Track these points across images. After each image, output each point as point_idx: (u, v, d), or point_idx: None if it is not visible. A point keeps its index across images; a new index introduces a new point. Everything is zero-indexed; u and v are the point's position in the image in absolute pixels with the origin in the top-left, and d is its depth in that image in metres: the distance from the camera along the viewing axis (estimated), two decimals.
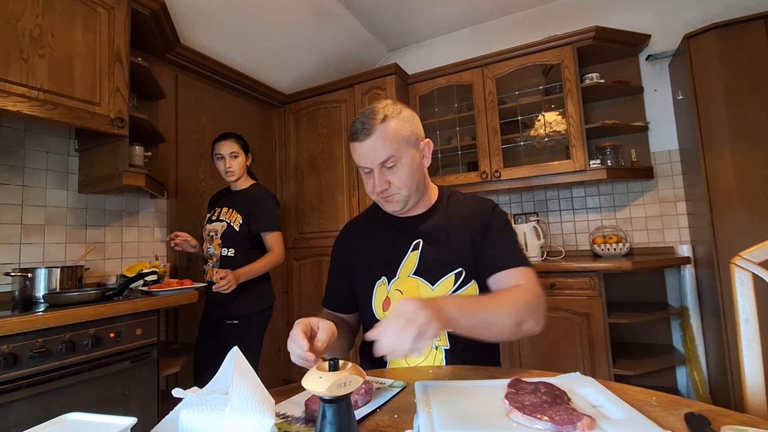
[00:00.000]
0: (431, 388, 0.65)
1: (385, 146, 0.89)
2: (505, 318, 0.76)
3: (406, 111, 0.95)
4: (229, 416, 0.48)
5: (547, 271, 2.13)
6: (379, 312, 0.96)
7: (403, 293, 0.94)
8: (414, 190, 0.95)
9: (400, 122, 0.92)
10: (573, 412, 0.51)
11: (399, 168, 0.92)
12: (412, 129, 0.94)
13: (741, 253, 0.79)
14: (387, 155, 0.90)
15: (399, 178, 0.92)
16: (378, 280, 0.98)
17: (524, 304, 0.79)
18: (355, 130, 0.92)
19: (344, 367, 0.49)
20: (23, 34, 1.35)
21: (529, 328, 0.79)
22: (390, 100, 0.96)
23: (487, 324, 0.74)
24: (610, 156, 2.40)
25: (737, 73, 1.91)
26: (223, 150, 1.86)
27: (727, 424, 0.50)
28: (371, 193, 0.96)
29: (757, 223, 1.81)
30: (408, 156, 0.92)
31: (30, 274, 1.47)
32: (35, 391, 1.15)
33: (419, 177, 0.96)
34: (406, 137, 0.92)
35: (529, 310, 0.79)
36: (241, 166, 1.89)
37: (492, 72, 2.55)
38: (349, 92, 2.80)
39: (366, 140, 0.90)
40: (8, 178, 1.63)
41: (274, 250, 1.88)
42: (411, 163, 0.93)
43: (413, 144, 0.94)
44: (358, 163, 0.94)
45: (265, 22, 2.46)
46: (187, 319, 2.19)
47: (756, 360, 0.76)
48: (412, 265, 0.95)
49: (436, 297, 0.72)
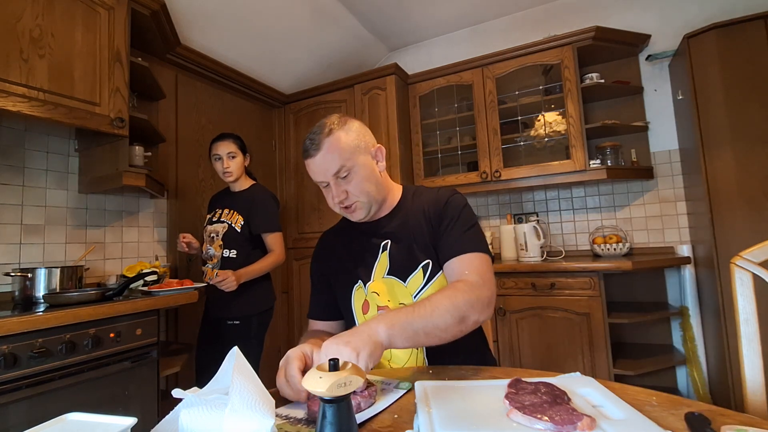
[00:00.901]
0: (431, 388, 0.65)
1: (334, 158, 0.91)
2: (444, 320, 0.76)
3: (352, 122, 0.97)
4: (229, 416, 0.48)
5: (547, 271, 2.13)
6: (359, 315, 0.98)
7: (379, 294, 0.96)
8: (374, 195, 0.97)
9: (346, 133, 0.94)
10: (573, 412, 0.51)
11: (353, 176, 0.93)
12: (359, 137, 0.96)
13: (741, 253, 0.79)
14: (338, 166, 0.91)
15: (355, 186, 0.94)
16: (355, 284, 1.00)
17: (462, 300, 0.79)
18: (305, 147, 0.94)
19: (344, 367, 0.49)
20: (23, 34, 1.35)
21: (474, 320, 0.80)
22: (337, 114, 0.98)
23: (427, 331, 0.74)
24: (610, 156, 2.40)
25: (737, 73, 1.91)
26: (220, 150, 1.86)
27: (727, 424, 0.50)
28: (333, 206, 0.98)
29: (757, 223, 1.81)
30: (360, 164, 0.94)
31: (30, 274, 1.47)
32: (35, 391, 1.14)
33: (376, 182, 0.97)
34: (353, 146, 0.94)
35: (469, 304, 0.79)
36: (239, 167, 1.89)
37: (492, 72, 2.55)
38: (349, 92, 2.80)
39: (317, 155, 0.92)
40: (8, 178, 1.63)
41: (274, 251, 1.88)
42: (364, 171, 0.95)
43: (363, 151, 0.96)
44: (315, 179, 0.96)
45: (265, 22, 2.46)
46: (187, 319, 2.19)
47: (756, 360, 0.76)
48: (384, 266, 0.97)
49: (367, 321, 0.73)
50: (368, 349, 0.64)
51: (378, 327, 0.70)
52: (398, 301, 0.95)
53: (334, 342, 0.65)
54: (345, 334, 0.68)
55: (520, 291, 2.17)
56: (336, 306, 1.05)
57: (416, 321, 0.74)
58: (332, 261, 1.07)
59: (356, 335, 0.67)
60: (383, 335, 0.69)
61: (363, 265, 0.99)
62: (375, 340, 0.67)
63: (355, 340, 0.65)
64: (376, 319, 0.73)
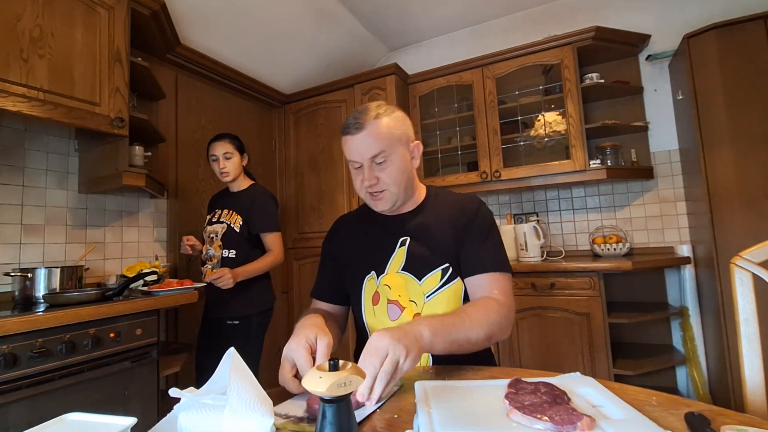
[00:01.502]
0: (431, 388, 0.65)
1: (375, 142, 0.92)
2: (476, 334, 0.79)
3: (398, 111, 0.98)
4: (228, 417, 0.48)
5: (547, 271, 2.13)
6: (368, 306, 0.98)
7: (391, 288, 0.96)
8: (402, 188, 0.97)
9: (392, 120, 0.95)
10: (573, 412, 0.51)
11: (388, 164, 0.94)
12: (403, 129, 0.97)
13: (741, 253, 0.79)
14: (377, 150, 0.92)
15: (388, 175, 0.94)
16: (367, 274, 1.00)
17: (494, 319, 0.82)
18: (347, 124, 0.94)
19: (344, 367, 0.49)
20: (23, 34, 1.35)
21: (496, 339, 0.85)
22: (383, 101, 0.99)
23: (460, 342, 0.77)
24: (610, 156, 2.40)
25: (737, 73, 1.91)
26: (217, 151, 1.85)
27: (727, 424, 0.50)
28: (360, 189, 0.98)
29: (757, 223, 1.81)
30: (398, 154, 0.95)
31: (30, 274, 1.47)
32: (35, 391, 1.14)
33: (408, 176, 0.98)
34: (396, 135, 0.94)
35: (498, 324, 0.83)
36: (235, 167, 1.88)
37: (492, 72, 2.55)
38: (349, 92, 2.80)
39: (357, 134, 0.92)
40: (8, 178, 1.63)
41: (273, 251, 1.87)
42: (400, 162, 0.95)
43: (403, 143, 0.96)
44: (349, 157, 0.96)
45: (265, 22, 2.46)
46: (187, 319, 2.19)
47: (756, 360, 0.76)
48: (400, 261, 0.97)
49: (412, 323, 0.74)
50: (415, 352, 0.66)
51: (423, 331, 0.71)
52: (409, 297, 0.95)
53: (387, 335, 0.65)
54: (395, 330, 0.68)
55: (520, 291, 2.17)
56: (341, 290, 1.05)
57: (455, 331, 0.76)
58: (346, 246, 1.06)
59: (407, 335, 0.67)
60: (426, 340, 0.71)
61: (378, 257, 0.99)
62: (421, 345, 0.69)
63: (407, 340, 0.66)
64: (420, 322, 0.74)
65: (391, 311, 0.95)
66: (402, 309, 0.95)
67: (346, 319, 1.09)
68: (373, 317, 0.98)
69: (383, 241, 1.01)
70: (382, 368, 0.61)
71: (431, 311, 0.93)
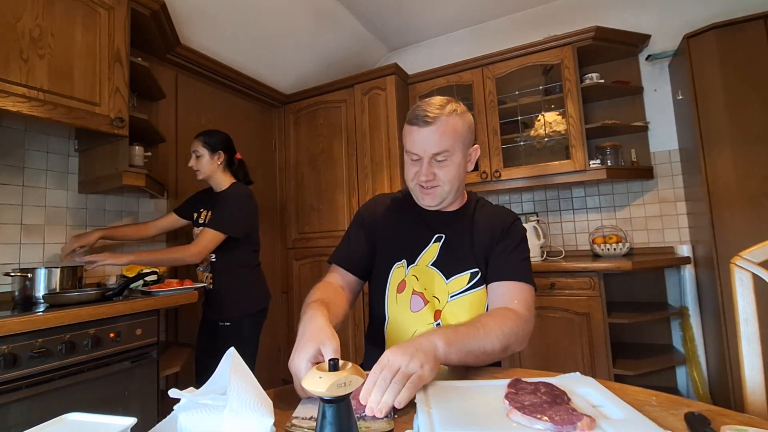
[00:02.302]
0: (431, 388, 0.65)
1: (443, 139, 0.91)
2: (492, 345, 0.78)
3: (468, 114, 0.98)
4: (228, 417, 0.48)
5: (547, 271, 2.13)
6: (392, 292, 0.98)
7: (418, 279, 0.96)
8: (455, 189, 0.97)
9: (462, 121, 0.94)
10: (573, 412, 0.51)
11: (449, 163, 0.93)
12: (468, 131, 0.96)
13: (741, 253, 0.79)
14: (442, 148, 0.91)
15: (446, 174, 0.94)
16: (398, 261, 1.00)
17: (511, 331, 0.81)
18: (416, 114, 0.92)
19: (344, 367, 0.49)
20: (23, 34, 1.35)
21: (512, 351, 0.84)
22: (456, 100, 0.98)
23: (476, 354, 0.76)
24: (610, 156, 2.40)
25: (737, 73, 1.91)
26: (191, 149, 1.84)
27: (727, 424, 0.50)
28: (411, 180, 0.98)
29: (757, 223, 1.81)
30: (459, 155, 0.95)
31: (30, 274, 1.47)
32: (35, 391, 1.14)
33: (461, 178, 0.98)
34: (462, 137, 0.94)
35: (515, 336, 0.82)
36: (205, 166, 1.81)
37: (492, 72, 2.55)
38: (349, 92, 2.80)
39: (426, 128, 0.91)
40: (8, 178, 1.63)
41: (191, 245, 1.71)
42: (459, 163, 0.95)
43: (466, 146, 0.96)
44: (410, 148, 0.95)
45: (265, 22, 2.46)
46: (187, 319, 2.19)
47: (756, 360, 0.76)
48: (431, 256, 0.98)
49: (425, 334, 0.73)
50: (431, 365, 0.65)
51: (438, 342, 0.71)
52: (434, 293, 0.95)
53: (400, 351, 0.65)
54: (408, 345, 0.68)
55: None
56: (365, 262, 1.04)
57: (471, 342, 0.75)
58: (382, 225, 1.05)
59: (421, 349, 0.67)
60: (441, 351, 0.70)
61: (412, 247, 1.00)
62: (435, 356, 0.68)
63: (421, 354, 0.65)
64: (436, 333, 0.73)
65: (414, 302, 0.96)
66: (426, 302, 0.95)
67: (358, 293, 1.07)
68: (395, 305, 0.98)
69: (420, 232, 1.01)
70: (381, 375, 0.60)
71: (452, 311, 0.94)
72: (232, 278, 1.82)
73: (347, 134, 2.78)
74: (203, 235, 1.72)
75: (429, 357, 0.66)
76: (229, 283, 1.81)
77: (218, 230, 1.72)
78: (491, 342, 0.77)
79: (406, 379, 0.61)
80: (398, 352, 0.65)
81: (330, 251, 1.12)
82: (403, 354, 0.64)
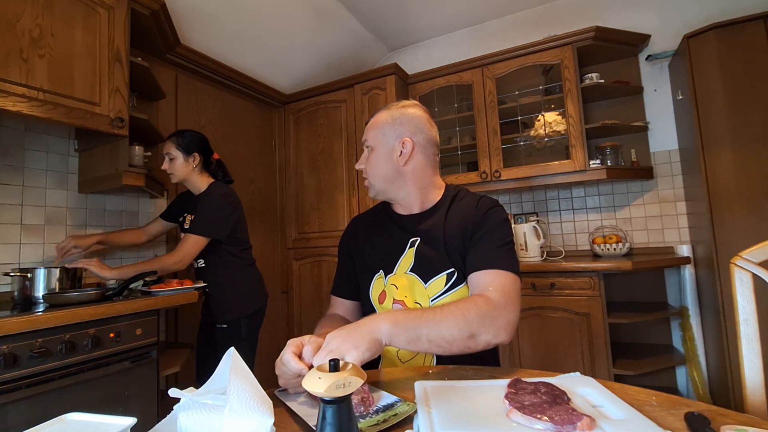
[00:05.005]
0: (431, 388, 0.65)
1: (367, 132, 1.02)
2: (450, 332, 0.73)
3: (409, 109, 1.01)
4: (228, 417, 0.48)
5: (547, 271, 2.13)
6: (375, 303, 1.00)
7: (398, 288, 0.96)
8: (380, 182, 1.01)
9: (388, 113, 1.00)
10: (573, 412, 0.51)
11: (372, 157, 1.01)
12: (395, 123, 1.00)
13: (741, 253, 0.79)
14: (364, 139, 1.02)
15: (369, 165, 1.02)
16: (376, 273, 1.01)
17: (476, 316, 0.75)
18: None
19: (344, 367, 0.49)
20: (23, 34, 1.35)
21: (486, 341, 0.76)
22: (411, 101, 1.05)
23: (431, 339, 0.73)
24: (610, 156, 2.40)
25: (737, 73, 1.91)
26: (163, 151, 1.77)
27: (727, 424, 0.50)
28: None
29: (757, 223, 1.81)
30: (381, 147, 0.99)
31: (29, 274, 1.47)
32: (35, 391, 1.14)
33: (388, 172, 1.00)
34: (382, 129, 1.00)
35: (483, 322, 0.75)
36: (180, 169, 1.74)
37: (492, 72, 2.55)
38: (349, 92, 2.80)
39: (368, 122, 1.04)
40: (8, 178, 1.63)
41: (172, 253, 1.66)
42: (380, 156, 1.00)
43: (391, 138, 0.99)
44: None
45: (265, 22, 2.46)
46: (187, 319, 2.19)
47: (756, 360, 0.76)
48: (409, 262, 0.97)
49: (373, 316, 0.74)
50: (365, 346, 0.67)
51: (382, 323, 0.71)
52: (415, 299, 0.95)
53: (336, 335, 0.68)
54: (348, 327, 0.71)
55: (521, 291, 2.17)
56: (356, 287, 1.07)
57: (422, 326, 0.73)
58: (360, 244, 1.08)
59: (357, 330, 0.69)
60: (384, 333, 0.70)
61: (388, 257, 1.00)
62: (374, 337, 0.69)
63: (355, 336, 0.68)
64: (383, 315, 0.74)
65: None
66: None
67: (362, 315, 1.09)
68: None
69: (395, 240, 1.01)
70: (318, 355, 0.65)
71: None
72: (224, 281, 1.79)
73: (347, 134, 2.78)
74: (185, 241, 1.68)
75: (364, 340, 0.67)
76: (222, 286, 1.78)
77: (199, 234, 1.67)
78: (449, 328, 0.73)
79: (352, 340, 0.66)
80: (334, 337, 0.68)
81: (330, 251, 1.15)
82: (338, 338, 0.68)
